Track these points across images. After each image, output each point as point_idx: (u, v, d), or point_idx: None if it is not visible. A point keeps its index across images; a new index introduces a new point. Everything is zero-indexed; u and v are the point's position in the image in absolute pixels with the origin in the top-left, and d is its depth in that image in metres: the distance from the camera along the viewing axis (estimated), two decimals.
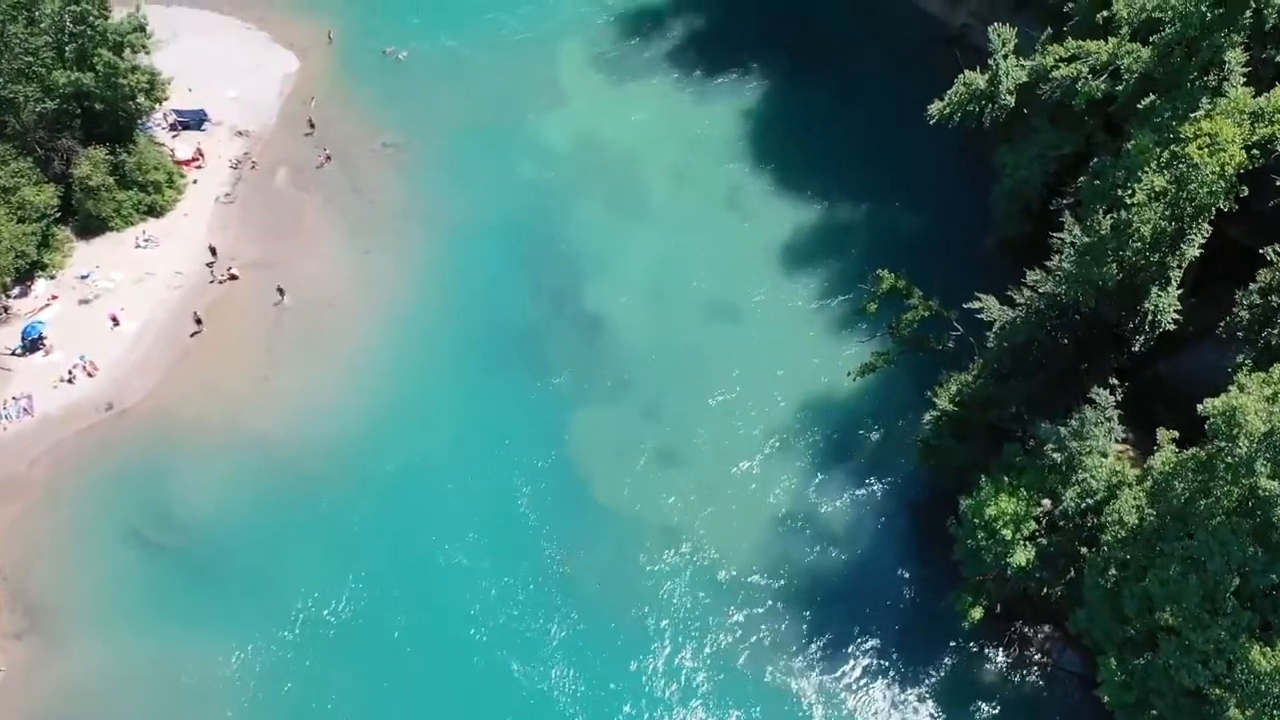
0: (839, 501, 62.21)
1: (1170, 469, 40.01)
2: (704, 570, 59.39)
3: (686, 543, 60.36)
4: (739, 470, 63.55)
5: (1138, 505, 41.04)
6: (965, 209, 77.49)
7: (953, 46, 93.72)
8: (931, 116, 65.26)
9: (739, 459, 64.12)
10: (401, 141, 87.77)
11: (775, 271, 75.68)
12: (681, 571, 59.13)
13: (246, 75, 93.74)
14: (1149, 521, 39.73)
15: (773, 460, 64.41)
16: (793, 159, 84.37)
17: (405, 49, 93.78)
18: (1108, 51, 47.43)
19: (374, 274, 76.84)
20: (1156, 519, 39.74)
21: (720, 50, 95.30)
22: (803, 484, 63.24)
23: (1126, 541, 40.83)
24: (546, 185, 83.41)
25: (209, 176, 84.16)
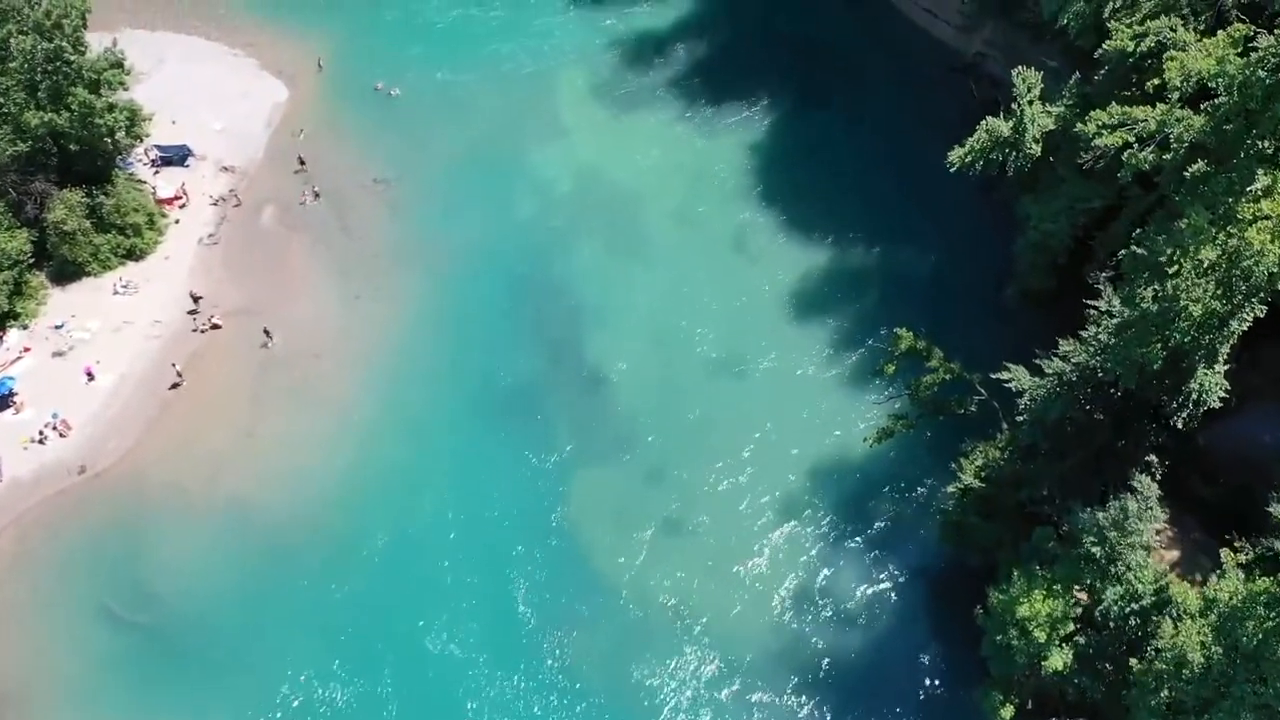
0: (856, 576, 58.28)
1: (1240, 603, 35.88)
2: (712, 655, 55.39)
3: (694, 624, 56.40)
4: (748, 542, 59.62)
5: (1202, 642, 36.90)
6: (984, 252, 73.52)
7: (966, 76, 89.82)
8: (952, 164, 61.26)
9: (748, 529, 60.12)
10: (393, 177, 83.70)
11: (785, 320, 71.61)
12: (689, 657, 55.12)
13: (233, 105, 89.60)
14: (1216, 660, 35.61)
15: (784, 530, 60.44)
16: (802, 196, 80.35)
17: (398, 84, 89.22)
18: (1156, 119, 43.28)
19: (364, 322, 72.73)
20: (1223, 656, 35.63)
21: (725, 78, 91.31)
22: (817, 556, 59.24)
23: (1186, 677, 36.70)
24: (545, 225, 79.40)
25: (192, 216, 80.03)
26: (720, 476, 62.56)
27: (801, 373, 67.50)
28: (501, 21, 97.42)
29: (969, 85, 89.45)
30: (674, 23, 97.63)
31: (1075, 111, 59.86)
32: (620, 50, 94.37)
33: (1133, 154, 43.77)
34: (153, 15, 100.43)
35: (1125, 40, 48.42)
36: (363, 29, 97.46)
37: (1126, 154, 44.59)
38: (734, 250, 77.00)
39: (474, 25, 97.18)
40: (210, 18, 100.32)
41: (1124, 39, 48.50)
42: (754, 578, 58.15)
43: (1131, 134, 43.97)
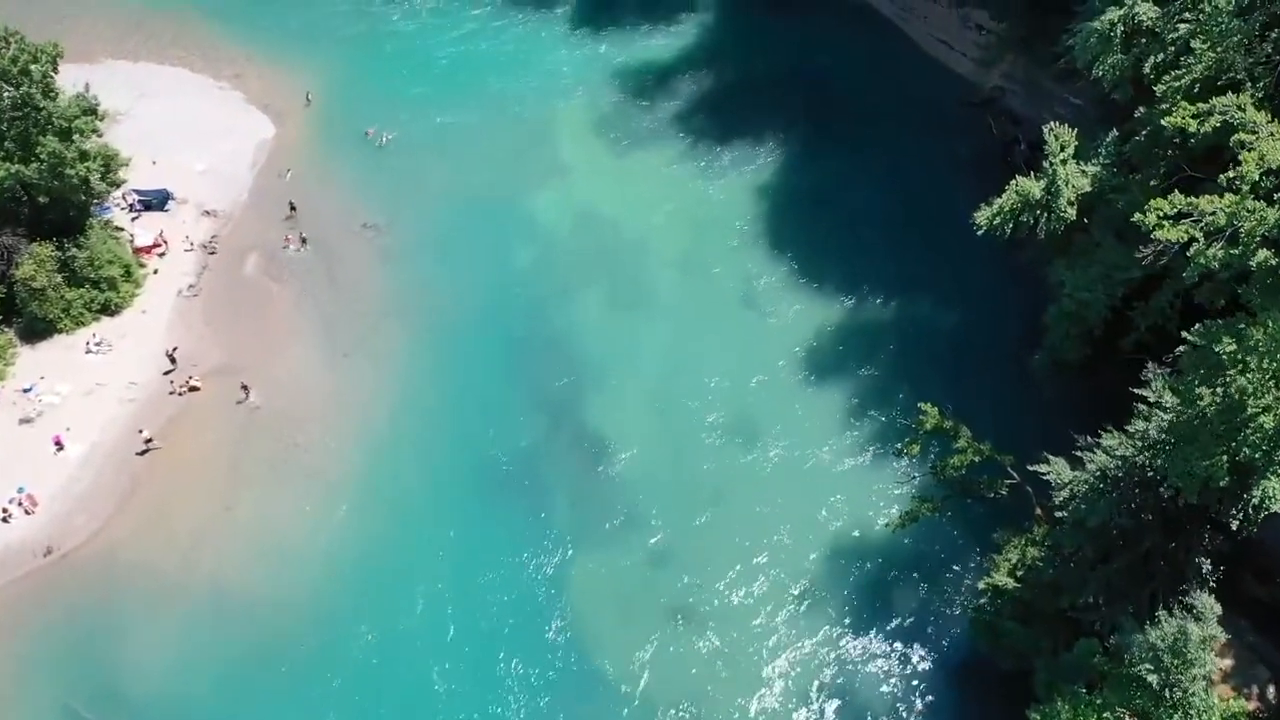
0: (880, 675, 53.80)
1: None
2: None
3: None
4: (764, 635, 55.14)
5: None
6: (1009, 310, 68.94)
7: (984, 111, 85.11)
8: (979, 227, 56.79)
9: (764, 620, 55.63)
10: (384, 222, 79.03)
11: (798, 384, 66.95)
12: None
13: (217, 144, 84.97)
14: None
15: (803, 619, 55.90)
16: (813, 245, 75.76)
17: (390, 129, 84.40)
18: (1226, 212, 38.52)
19: (351, 383, 68.12)
20: None
21: (732, 114, 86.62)
22: (838, 649, 54.78)
23: None
24: (543, 275, 74.71)
25: (171, 265, 75.30)
26: (732, 560, 57.99)
27: (817, 443, 62.90)
28: (504, 55, 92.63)
29: (987, 121, 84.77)
30: (678, 55, 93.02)
31: (1112, 172, 55.25)
32: (623, 84, 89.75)
33: (1200, 250, 39.02)
34: (135, 45, 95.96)
35: (1185, 119, 43.68)
36: (357, 61, 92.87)
37: (1193, 249, 39.85)
38: (743, 304, 72.31)
39: (475, 59, 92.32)
40: (195, 48, 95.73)
41: (1184, 117, 43.79)
42: (772, 675, 53.56)
43: (1197, 228, 39.16)
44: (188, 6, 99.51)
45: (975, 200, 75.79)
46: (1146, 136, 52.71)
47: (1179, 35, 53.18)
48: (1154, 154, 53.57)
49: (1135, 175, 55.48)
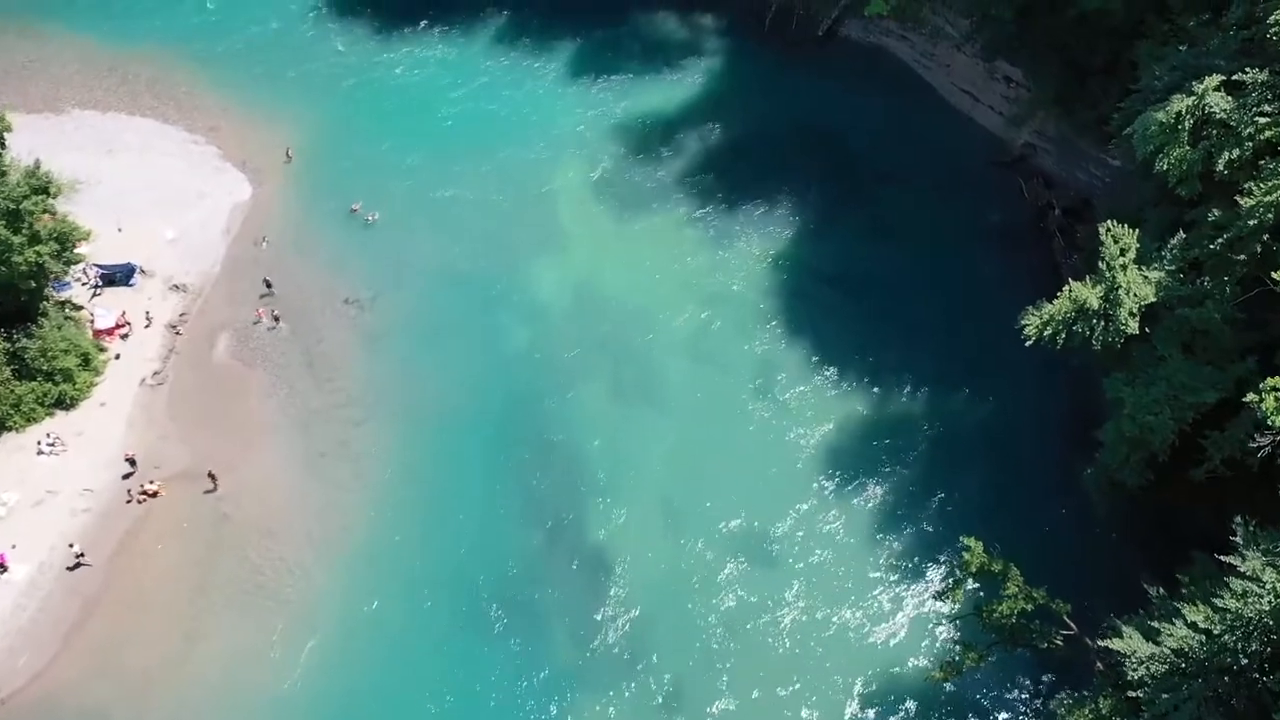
0: None
1: None
2: None
3: None
4: None
5: None
6: (1055, 405, 62.42)
7: (1014, 171, 78.07)
8: (1027, 338, 49.52)
9: None
10: (367, 296, 72.06)
11: (820, 491, 60.21)
12: None
13: (188, 208, 78.00)
14: None
15: None
16: (833, 325, 68.98)
17: (376, 209, 76.85)
18: None
19: (328, 490, 61.32)
20: None
21: (742, 173, 79.68)
22: None
23: None
24: (540, 361, 67.84)
25: (135, 350, 68.36)
26: (750, 709, 50.85)
27: (843, 568, 56.29)
28: (496, 106, 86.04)
29: (1018, 182, 77.79)
30: (683, 105, 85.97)
31: (1178, 279, 48.16)
32: (625, 139, 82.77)
33: None
34: (105, 93, 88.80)
35: None
36: (339, 112, 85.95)
37: None
38: (757, 394, 65.32)
39: (465, 111, 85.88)
40: (169, 97, 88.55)
41: None
42: None
43: None
44: (166, 46, 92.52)
45: (1009, 275, 69.67)
46: (1223, 243, 45.64)
47: (1258, 130, 46.06)
48: (1229, 261, 46.45)
49: (1203, 280, 48.41)
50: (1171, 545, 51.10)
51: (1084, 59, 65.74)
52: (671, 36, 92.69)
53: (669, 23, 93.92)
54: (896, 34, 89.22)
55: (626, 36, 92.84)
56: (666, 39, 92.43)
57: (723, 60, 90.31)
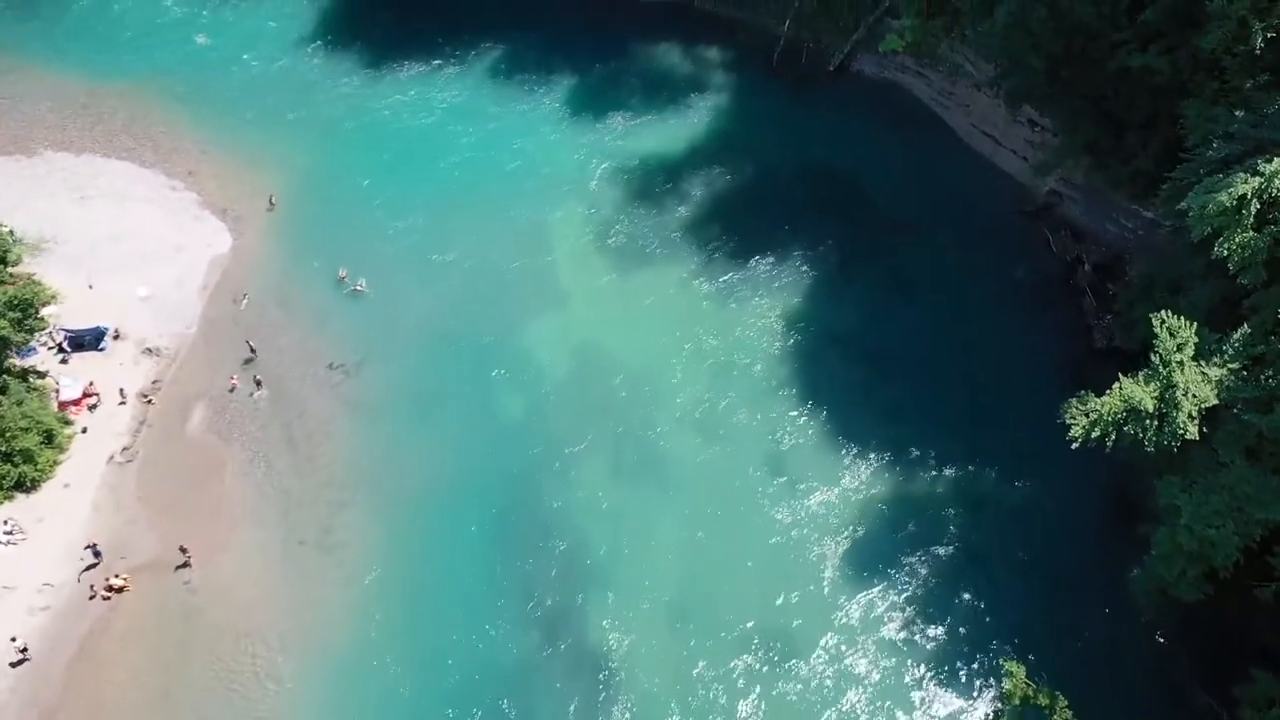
0: None
1: None
2: None
3: None
4: None
5: None
6: (1092, 494, 56.97)
7: (1039, 221, 72.76)
8: (1074, 439, 44.29)
9: None
10: (354, 361, 66.99)
11: (838, 584, 55.54)
12: None
13: (164, 262, 72.89)
14: None
15: None
16: (850, 393, 64.15)
17: (364, 267, 71.70)
18: None
19: (308, 583, 56.54)
20: None
21: (751, 222, 74.56)
22: None
23: None
24: (536, 434, 62.72)
25: (103, 421, 63.37)
26: None
27: (868, 676, 51.47)
28: (491, 146, 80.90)
29: (1044, 233, 72.50)
30: (688, 146, 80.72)
31: (1242, 378, 42.90)
32: (626, 183, 77.74)
33: None
34: (79, 133, 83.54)
35: None
36: (325, 153, 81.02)
37: None
38: (770, 471, 60.29)
39: (456, 150, 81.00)
40: (147, 136, 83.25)
41: None
42: None
43: None
44: (146, 81, 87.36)
45: (1039, 338, 64.74)
46: None
47: None
48: None
49: (1269, 378, 43.22)
50: (1228, 657, 46.19)
51: (1122, 112, 60.46)
52: (674, 71, 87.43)
53: (671, 56, 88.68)
54: (912, 70, 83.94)
55: (627, 71, 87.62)
56: (669, 74, 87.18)
57: (729, 97, 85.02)
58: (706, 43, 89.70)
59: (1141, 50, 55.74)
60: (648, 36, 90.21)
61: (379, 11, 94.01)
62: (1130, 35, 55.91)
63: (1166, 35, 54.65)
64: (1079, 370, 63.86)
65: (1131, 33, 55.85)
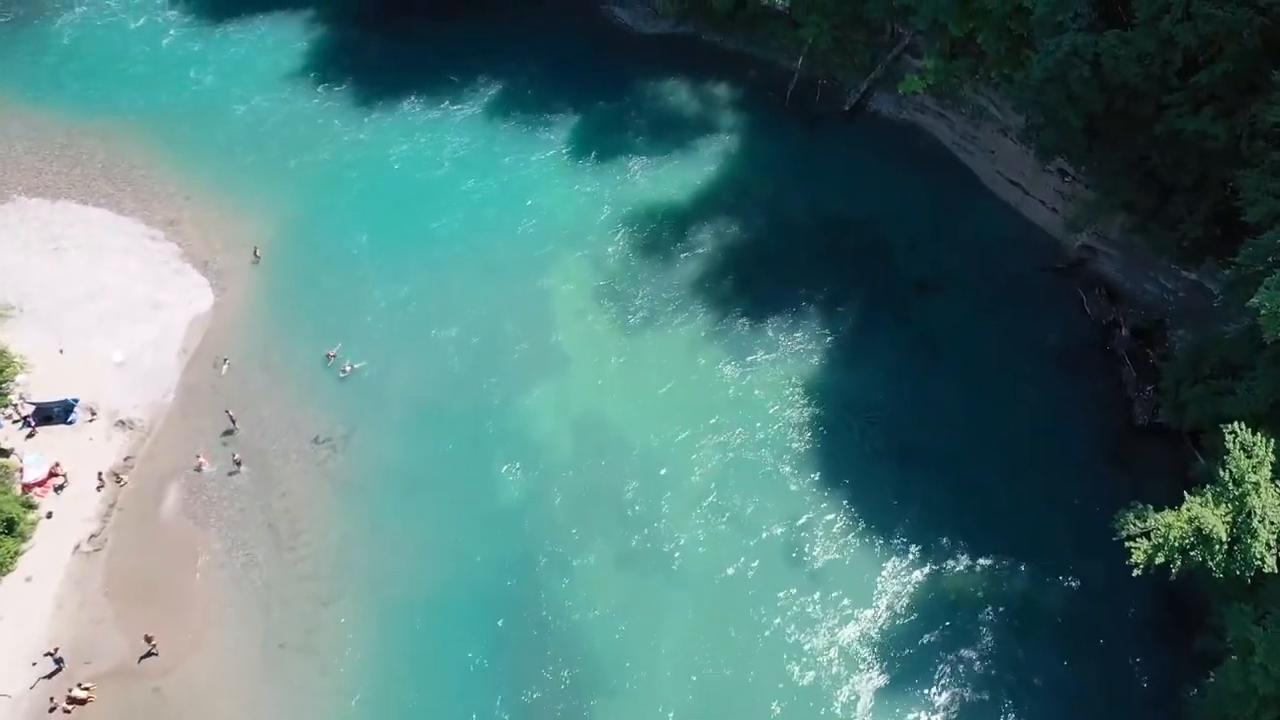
0: None
1: None
2: None
3: None
4: None
5: None
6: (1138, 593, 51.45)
7: (1072, 279, 67.56)
8: (1136, 565, 39.00)
9: None
10: (341, 434, 62.00)
11: (866, 692, 50.27)
12: None
13: (141, 323, 67.93)
14: None
15: None
16: (873, 472, 59.53)
17: (358, 359, 66.00)
18: None
19: (289, 693, 52.06)
20: None
21: (765, 277, 69.70)
22: None
23: None
24: (535, 519, 57.86)
25: (71, 504, 58.50)
26: None
27: None
28: (489, 195, 76.04)
29: (1077, 293, 67.24)
30: (697, 194, 75.65)
31: None
32: (631, 234, 72.79)
33: None
34: (55, 177, 78.65)
35: None
36: (315, 201, 76.18)
37: None
38: (789, 563, 55.50)
39: (454, 200, 75.94)
40: (126, 181, 78.33)
41: None
42: None
43: None
44: (125, 119, 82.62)
45: (1075, 410, 59.99)
46: None
47: None
48: None
49: None
50: None
51: (1167, 174, 55.19)
52: (682, 110, 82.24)
53: (679, 94, 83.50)
54: (933, 111, 78.70)
55: (632, 110, 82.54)
56: (677, 113, 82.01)
57: (740, 139, 79.87)
58: (715, 79, 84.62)
59: (1194, 113, 50.38)
60: (653, 72, 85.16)
61: (371, 40, 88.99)
62: (1182, 98, 50.49)
63: (1222, 99, 49.32)
64: (1119, 448, 59.16)
65: (1183, 95, 50.44)
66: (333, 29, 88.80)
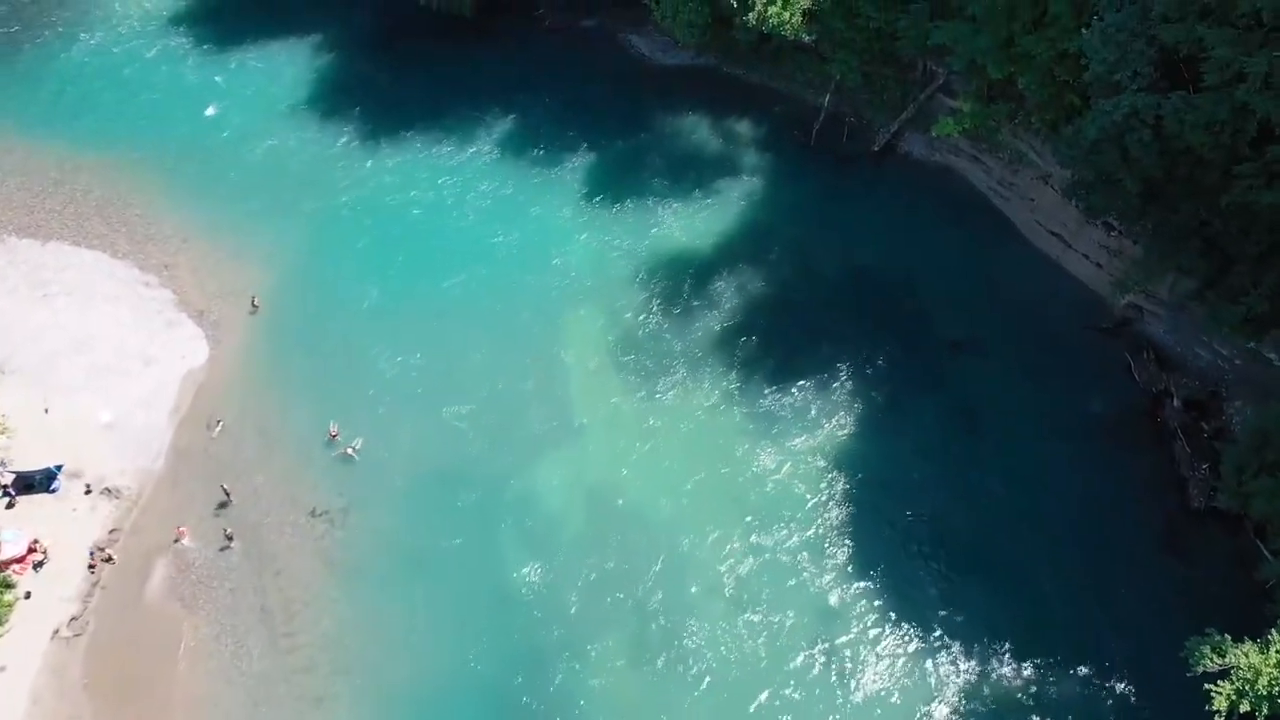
0: None
1: None
2: None
3: None
4: None
5: None
6: None
7: (1118, 339, 62.68)
8: (1216, 712, 34.33)
9: None
10: (339, 507, 57.96)
11: None
12: None
13: (131, 378, 63.87)
14: None
15: None
16: (907, 556, 55.59)
17: (360, 435, 61.20)
18: None
19: None
20: None
21: (791, 334, 65.33)
22: None
23: None
24: (546, 608, 53.82)
25: (51, 583, 54.68)
26: None
27: None
28: (500, 246, 71.66)
29: (1123, 356, 62.44)
30: (718, 242, 71.28)
31: None
32: (647, 286, 68.43)
33: None
34: (47, 216, 74.70)
35: None
36: (318, 246, 71.84)
37: None
38: (822, 664, 51.86)
39: (463, 248, 71.80)
40: (121, 221, 74.24)
41: None
42: None
43: None
44: (122, 154, 78.13)
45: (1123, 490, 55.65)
46: None
47: None
48: None
49: None
50: None
51: (1231, 244, 50.38)
52: (703, 149, 77.69)
53: (699, 131, 78.90)
54: (968, 154, 73.96)
55: (650, 148, 78.04)
56: (698, 152, 77.50)
57: (763, 180, 75.33)
58: (737, 114, 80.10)
59: (1268, 186, 45.54)
60: (672, 106, 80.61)
61: (381, 70, 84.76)
62: (1256, 168, 45.66)
63: None
64: (1174, 535, 54.83)
65: (1257, 166, 45.59)
66: (344, 57, 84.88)
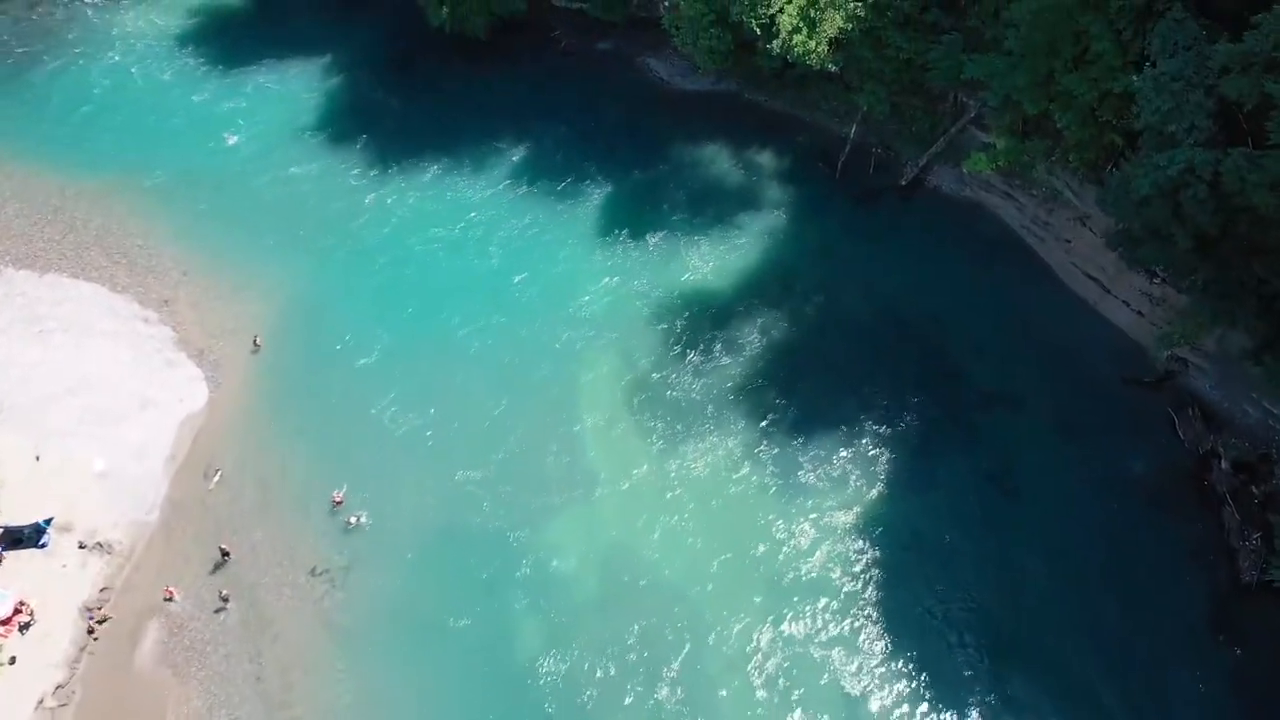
0: None
1: None
2: None
3: None
4: None
5: None
6: None
7: (1161, 394, 59.10)
8: None
9: None
10: (341, 565, 54.60)
11: None
12: None
13: (126, 422, 60.90)
14: None
15: None
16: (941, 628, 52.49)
17: (363, 510, 57.84)
18: None
19: None
20: None
21: (815, 386, 62.22)
22: None
23: None
24: (557, 677, 51.01)
25: (36, 648, 51.67)
26: None
27: None
28: (512, 289, 68.30)
29: (1167, 413, 58.86)
30: (738, 282, 68.18)
31: None
32: (665, 330, 65.28)
33: None
34: (45, 246, 71.83)
35: None
36: (325, 281, 68.73)
37: None
38: None
39: (476, 294, 68.50)
40: (121, 251, 71.35)
41: None
42: None
43: None
44: (125, 180, 75.36)
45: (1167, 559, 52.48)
46: None
47: None
48: None
49: None
50: None
51: None
52: (724, 181, 74.40)
53: (720, 163, 75.63)
54: (1000, 191, 70.43)
55: (669, 179, 74.84)
56: (718, 184, 74.22)
57: (787, 215, 72.01)
58: (759, 144, 76.82)
59: None
60: (691, 134, 77.41)
61: (393, 96, 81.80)
62: None
63: None
64: (1224, 612, 51.43)
65: None
66: (356, 80, 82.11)
